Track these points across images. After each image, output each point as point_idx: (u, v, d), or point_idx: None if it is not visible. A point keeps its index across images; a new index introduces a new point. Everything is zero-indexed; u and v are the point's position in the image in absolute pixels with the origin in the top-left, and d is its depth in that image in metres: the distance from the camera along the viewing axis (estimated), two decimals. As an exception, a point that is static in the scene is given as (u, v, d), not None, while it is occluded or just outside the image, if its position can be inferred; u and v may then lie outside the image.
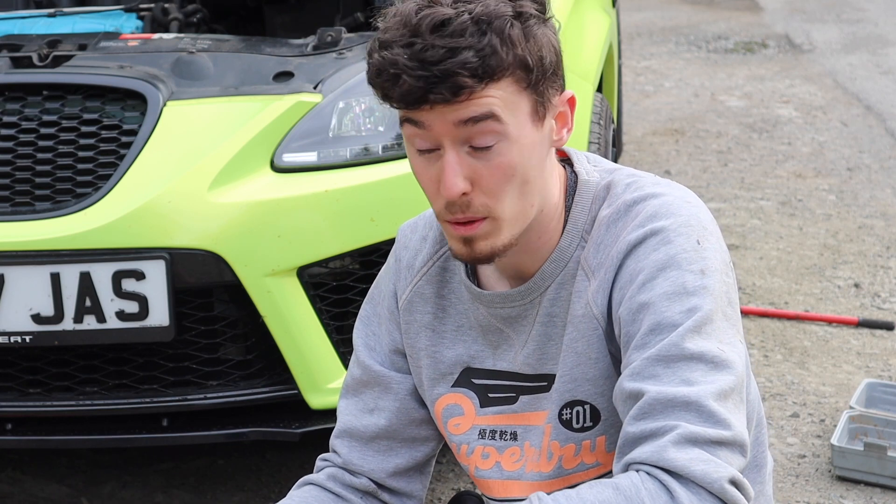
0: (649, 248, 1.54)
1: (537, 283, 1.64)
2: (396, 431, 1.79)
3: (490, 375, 1.72)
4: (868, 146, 6.17)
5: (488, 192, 1.53)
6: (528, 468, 1.69)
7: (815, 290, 4.37)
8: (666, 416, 1.43)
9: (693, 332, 1.48)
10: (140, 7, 3.34)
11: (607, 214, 1.60)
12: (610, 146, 3.59)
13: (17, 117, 2.67)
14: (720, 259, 1.56)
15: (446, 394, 1.75)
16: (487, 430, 1.73)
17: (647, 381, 1.47)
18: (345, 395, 1.83)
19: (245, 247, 2.59)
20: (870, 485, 3.13)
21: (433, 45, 1.45)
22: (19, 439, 2.75)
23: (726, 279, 1.55)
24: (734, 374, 1.47)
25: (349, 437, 1.80)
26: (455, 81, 1.46)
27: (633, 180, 1.63)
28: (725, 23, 9.49)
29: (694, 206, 1.59)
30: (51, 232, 2.58)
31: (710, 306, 1.50)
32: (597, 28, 3.98)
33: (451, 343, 1.74)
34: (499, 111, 1.49)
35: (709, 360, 1.47)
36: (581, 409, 1.63)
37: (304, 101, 2.69)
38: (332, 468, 1.82)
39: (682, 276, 1.51)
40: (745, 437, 1.45)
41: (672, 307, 1.50)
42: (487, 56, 1.46)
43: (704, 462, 1.40)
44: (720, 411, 1.43)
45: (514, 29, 1.48)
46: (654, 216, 1.56)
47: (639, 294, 1.52)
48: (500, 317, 1.68)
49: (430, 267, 1.75)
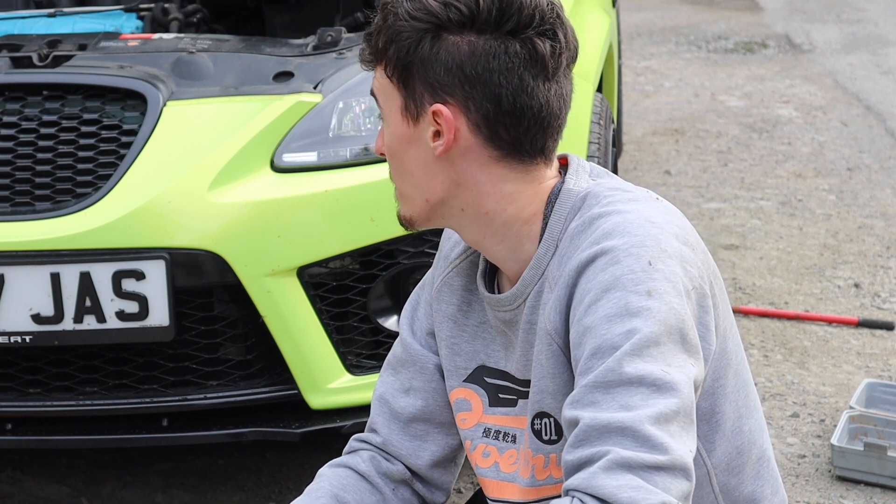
0: (598, 268, 1.51)
1: (519, 290, 1.65)
2: (433, 413, 1.80)
3: (500, 376, 1.73)
4: (868, 146, 6.17)
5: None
6: (521, 472, 1.70)
7: (815, 290, 4.37)
8: (601, 441, 1.40)
9: (632, 356, 1.43)
10: (140, 7, 3.34)
11: (575, 226, 1.59)
12: (610, 146, 3.58)
13: (17, 117, 2.67)
14: (677, 281, 1.50)
15: (458, 387, 1.76)
16: (492, 430, 1.74)
17: (586, 408, 1.44)
18: (384, 372, 1.86)
19: (245, 247, 2.59)
20: (870, 485, 3.13)
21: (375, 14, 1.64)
22: (19, 439, 2.75)
23: (681, 301, 1.49)
24: (678, 397, 1.42)
25: (389, 414, 1.82)
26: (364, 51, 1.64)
27: (610, 195, 1.60)
28: (725, 23, 9.49)
29: (656, 226, 1.54)
30: (51, 232, 2.58)
31: (654, 328, 1.45)
32: (597, 28, 3.98)
33: (471, 338, 1.75)
34: (376, 91, 1.64)
35: (650, 384, 1.42)
36: (547, 421, 1.63)
37: (304, 101, 2.69)
38: (370, 451, 1.83)
39: (626, 297, 1.47)
40: (686, 460, 1.40)
41: (612, 329, 1.46)
42: (370, 37, 1.62)
43: (633, 489, 1.36)
44: (657, 435, 1.39)
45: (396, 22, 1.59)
46: (607, 234, 1.53)
47: (584, 317, 1.50)
48: (501, 320, 1.69)
49: (463, 260, 1.77)
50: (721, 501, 1.69)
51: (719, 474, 1.67)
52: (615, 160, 3.92)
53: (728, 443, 1.66)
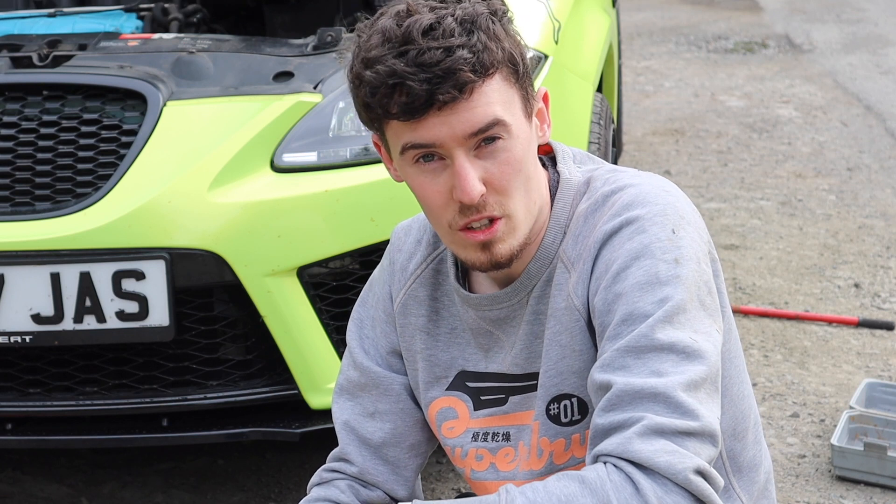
0: (624, 237, 1.54)
1: (524, 283, 1.65)
2: (402, 435, 1.79)
3: (482, 378, 1.72)
4: (868, 146, 6.17)
5: (501, 190, 1.55)
6: (522, 468, 1.70)
7: (815, 290, 4.37)
8: (634, 407, 1.43)
9: (664, 322, 1.47)
10: (140, 7, 3.34)
11: (585, 207, 1.61)
12: (610, 146, 3.58)
13: (17, 117, 2.67)
14: (697, 248, 1.55)
15: (441, 397, 1.75)
16: (480, 433, 1.73)
17: (617, 372, 1.47)
18: (339, 398, 1.81)
19: (245, 247, 2.59)
20: (870, 485, 3.12)
21: (429, 47, 1.48)
22: (19, 439, 2.75)
23: (703, 268, 1.54)
24: (706, 364, 1.47)
25: (358, 442, 1.79)
26: (457, 78, 1.48)
27: (612, 174, 1.64)
28: (725, 23, 9.49)
29: (671, 195, 1.58)
30: (51, 232, 2.58)
31: (683, 296, 1.49)
32: (597, 28, 3.98)
33: (446, 346, 1.74)
34: (500, 113, 1.52)
35: (680, 351, 1.46)
36: (568, 402, 1.63)
37: (304, 101, 2.69)
38: (346, 480, 1.80)
39: (656, 265, 1.51)
40: (715, 427, 1.44)
41: (644, 297, 1.49)
42: (480, 51, 1.50)
43: (669, 453, 1.40)
44: (688, 402, 1.43)
45: (496, 25, 1.53)
46: (629, 205, 1.56)
47: (613, 284, 1.52)
48: (489, 319, 1.68)
49: (424, 269, 1.75)
50: (728, 467, 1.71)
51: (727, 439, 1.69)
52: (615, 160, 3.92)
53: (734, 407, 1.68)
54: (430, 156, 1.54)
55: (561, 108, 3.11)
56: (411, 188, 1.59)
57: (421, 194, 1.58)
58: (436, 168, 1.55)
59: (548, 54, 3.07)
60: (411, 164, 1.56)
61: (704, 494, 1.40)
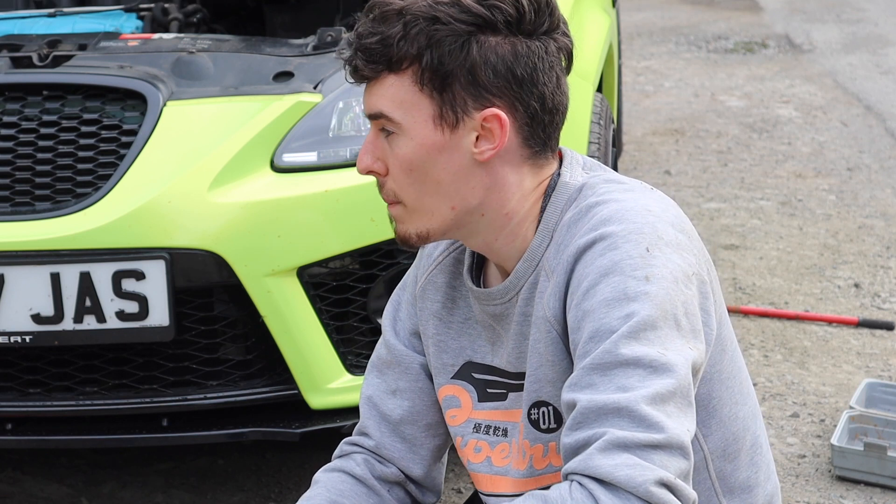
0: (596, 253, 1.53)
1: (513, 283, 1.66)
2: (420, 414, 1.81)
3: (488, 371, 1.73)
4: (868, 146, 6.17)
5: (393, 179, 1.61)
6: (514, 465, 1.71)
7: (815, 290, 4.37)
8: (599, 423, 1.42)
9: (629, 338, 1.45)
10: (140, 7, 3.34)
11: (570, 216, 1.61)
12: (610, 146, 3.58)
13: (17, 117, 2.67)
14: (673, 268, 1.51)
15: (446, 384, 1.77)
16: (482, 425, 1.74)
17: (584, 390, 1.46)
18: (369, 374, 1.86)
19: (245, 247, 2.59)
20: (870, 485, 3.13)
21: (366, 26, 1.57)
22: (19, 439, 2.75)
23: (681, 288, 1.51)
24: (675, 378, 1.44)
25: (378, 417, 1.82)
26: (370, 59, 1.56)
27: (604, 185, 1.63)
28: (725, 23, 9.49)
29: (653, 214, 1.56)
30: (51, 232, 2.58)
31: (651, 312, 1.47)
32: (597, 28, 3.98)
33: (457, 335, 1.76)
34: (387, 110, 1.58)
35: (646, 365, 1.44)
36: (546, 409, 1.64)
37: (304, 101, 2.69)
38: (363, 454, 1.83)
39: (624, 281, 1.49)
40: (684, 439, 1.42)
41: (610, 313, 1.48)
42: (388, 45, 1.55)
43: (630, 467, 1.38)
44: (652, 414, 1.41)
45: (431, 27, 1.54)
46: (605, 221, 1.55)
47: (582, 301, 1.52)
48: (489, 314, 1.70)
49: (446, 257, 1.78)
50: (718, 487, 1.70)
51: (716, 460, 1.68)
52: (615, 160, 3.92)
53: (724, 428, 1.67)
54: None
55: (561, 108, 3.10)
56: None
57: None
58: None
59: (548, 54, 3.06)
60: None
61: None
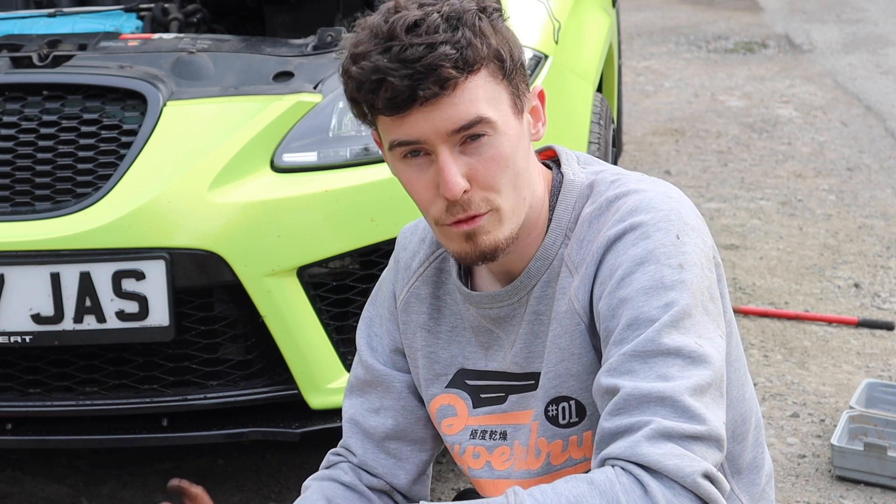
0: (628, 242, 1.55)
1: (524, 282, 1.66)
2: (404, 431, 1.81)
3: (481, 376, 1.73)
4: (868, 146, 6.17)
5: (486, 187, 1.55)
6: (517, 467, 1.71)
7: (815, 290, 4.37)
8: (641, 411, 1.44)
9: (670, 327, 1.48)
10: (140, 7, 3.34)
11: (590, 211, 1.62)
12: (610, 146, 3.58)
13: (17, 117, 2.67)
14: (701, 254, 1.56)
15: (440, 394, 1.76)
16: (479, 431, 1.74)
17: (624, 376, 1.47)
18: (349, 396, 1.85)
19: (245, 247, 2.59)
20: (870, 485, 3.12)
21: (411, 43, 1.49)
22: (19, 439, 2.75)
23: (707, 273, 1.55)
24: (712, 370, 1.48)
25: (361, 435, 1.82)
26: (439, 74, 1.49)
27: (616, 178, 1.65)
28: (725, 23, 9.49)
29: (675, 201, 1.59)
30: (51, 232, 2.58)
31: (688, 301, 1.50)
32: (597, 28, 3.98)
33: (446, 344, 1.75)
34: (484, 110, 1.53)
35: (686, 356, 1.47)
36: (567, 404, 1.64)
37: (304, 101, 2.69)
38: (349, 464, 1.84)
39: (660, 270, 1.52)
40: (721, 432, 1.46)
41: (649, 302, 1.50)
42: (464, 48, 1.51)
43: (677, 457, 1.41)
44: (695, 406, 1.44)
45: (482, 22, 1.54)
46: (633, 211, 1.57)
47: (617, 289, 1.53)
48: (490, 317, 1.69)
49: (427, 268, 1.77)
50: (727, 469, 1.72)
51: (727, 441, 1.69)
52: (615, 160, 3.92)
53: (734, 410, 1.69)
54: (416, 151, 1.55)
55: (561, 108, 3.11)
56: (401, 183, 1.61)
57: (409, 189, 1.59)
58: (422, 163, 1.56)
59: (548, 54, 3.07)
60: (400, 160, 1.58)
61: (712, 498, 1.41)
